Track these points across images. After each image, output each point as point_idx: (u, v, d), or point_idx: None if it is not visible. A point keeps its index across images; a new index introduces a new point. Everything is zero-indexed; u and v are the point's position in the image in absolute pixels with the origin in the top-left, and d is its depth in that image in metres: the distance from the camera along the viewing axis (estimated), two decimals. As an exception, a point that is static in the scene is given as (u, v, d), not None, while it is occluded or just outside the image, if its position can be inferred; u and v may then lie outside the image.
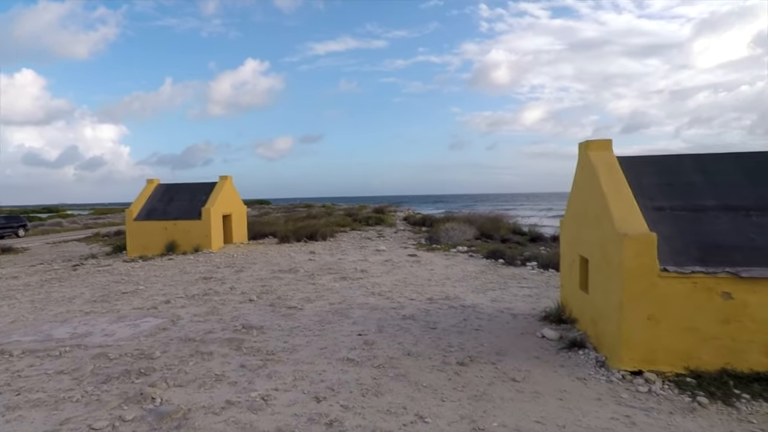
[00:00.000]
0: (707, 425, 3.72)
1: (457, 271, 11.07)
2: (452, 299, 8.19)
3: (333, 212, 30.97)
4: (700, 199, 5.12)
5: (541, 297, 8.19)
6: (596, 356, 5.09)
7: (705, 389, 4.23)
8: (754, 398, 4.06)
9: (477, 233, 16.51)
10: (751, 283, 4.33)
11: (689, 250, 4.67)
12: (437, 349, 5.58)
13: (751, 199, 4.96)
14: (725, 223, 4.82)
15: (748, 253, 4.51)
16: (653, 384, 4.40)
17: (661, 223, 4.94)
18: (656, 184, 5.40)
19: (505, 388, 4.47)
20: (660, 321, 4.53)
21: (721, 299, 4.41)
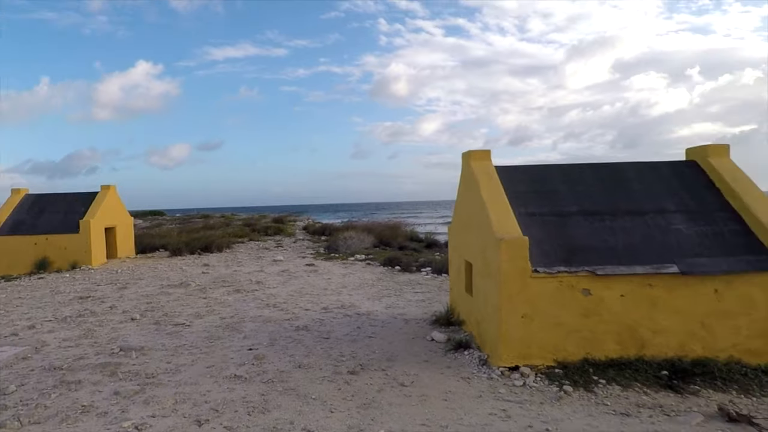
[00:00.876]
0: (570, 411, 4.07)
1: (354, 279, 11.14)
2: (348, 308, 8.23)
3: (231, 222, 29.79)
4: (564, 206, 5.63)
5: (434, 301, 8.50)
6: (480, 355, 5.37)
7: (570, 378, 4.64)
8: (608, 383, 4.53)
9: (375, 241, 16.79)
10: (605, 279, 4.84)
11: (556, 252, 5.11)
12: (329, 360, 5.56)
13: (605, 205, 5.55)
14: (585, 227, 5.34)
15: (602, 253, 5.04)
16: (528, 378, 4.73)
17: (533, 227, 5.35)
18: (528, 192, 5.85)
19: (394, 393, 4.56)
20: (533, 318, 4.90)
21: (582, 295, 4.87)
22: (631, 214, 5.42)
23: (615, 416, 3.96)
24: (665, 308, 4.81)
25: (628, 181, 5.81)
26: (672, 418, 3.90)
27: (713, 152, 5.73)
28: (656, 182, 5.74)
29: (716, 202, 5.38)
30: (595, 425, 3.80)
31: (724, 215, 5.22)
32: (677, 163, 6.01)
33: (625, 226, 5.32)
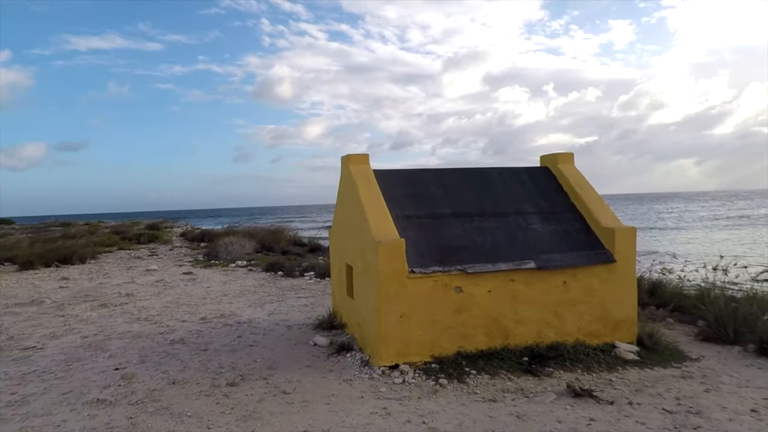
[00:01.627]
0: (445, 402, 4.33)
1: (235, 286, 10.74)
2: (228, 316, 7.91)
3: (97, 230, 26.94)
4: (438, 208, 5.97)
5: (317, 306, 8.50)
6: (362, 357, 5.48)
7: (445, 371, 4.93)
8: (479, 373, 4.90)
9: (258, 246, 16.33)
10: (474, 277, 5.22)
11: (431, 252, 5.40)
12: (207, 373, 5.30)
13: (474, 207, 5.99)
14: (456, 228, 5.71)
15: (472, 252, 5.43)
16: (407, 375, 4.93)
17: (410, 230, 5.60)
18: (405, 195, 6.10)
19: (276, 402, 4.48)
20: (411, 317, 5.12)
21: (454, 293, 5.20)
22: (496, 216, 5.90)
23: (484, 403, 4.29)
24: (525, 300, 5.32)
25: (493, 185, 6.32)
26: (531, 399, 4.33)
27: (561, 160, 6.47)
28: (517, 186, 6.33)
29: (564, 204, 6.08)
30: (467, 413, 4.09)
31: (571, 216, 5.92)
32: (533, 168, 6.67)
33: (491, 227, 5.78)
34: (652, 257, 10.33)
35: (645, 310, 6.90)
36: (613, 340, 5.41)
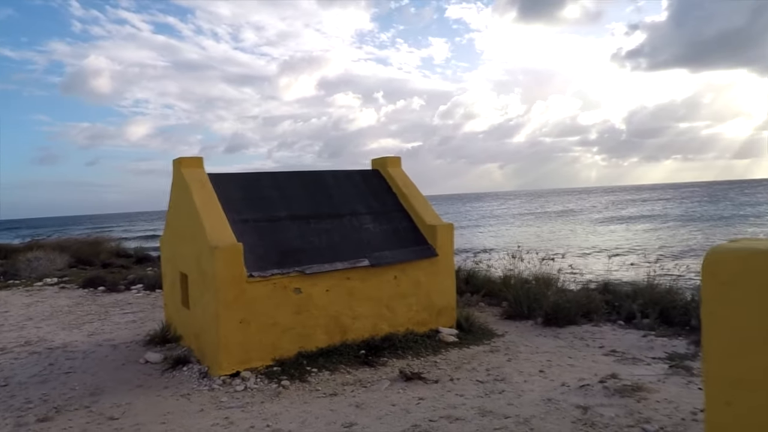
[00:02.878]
0: (288, 403, 4.43)
1: (43, 308, 9.32)
2: (35, 343, 6.87)
3: None
4: (275, 211, 6.01)
5: (147, 320, 7.85)
6: (200, 368, 5.27)
7: (287, 373, 5.02)
8: (320, 370, 5.10)
9: (72, 261, 14.34)
10: (313, 277, 5.40)
11: (269, 255, 5.43)
12: (9, 411, 4.58)
13: (310, 209, 6.17)
14: (294, 230, 5.83)
15: (310, 253, 5.61)
16: (248, 381, 4.90)
17: (247, 233, 5.54)
18: (241, 199, 6.01)
19: (101, 431, 4.09)
20: (251, 322, 5.09)
21: (294, 294, 5.32)
22: (331, 217, 6.17)
23: (325, 398, 4.49)
24: (361, 297, 5.68)
25: (328, 187, 6.58)
26: (369, 388, 4.66)
27: (390, 163, 7.02)
28: (350, 188, 6.68)
29: (394, 204, 6.62)
30: (309, 410, 4.24)
31: (400, 215, 6.48)
32: (365, 171, 7.11)
33: (327, 228, 6.02)
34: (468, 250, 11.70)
35: (462, 297, 7.83)
36: (437, 326, 6.08)
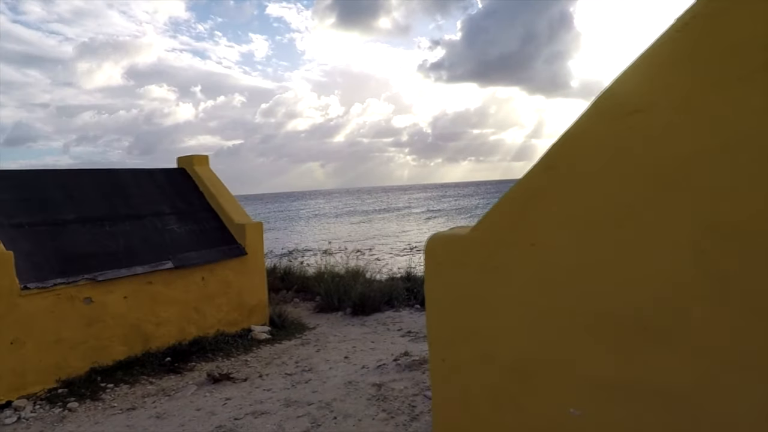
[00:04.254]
0: (75, 427, 3.99)
1: None
2: None
3: None
4: (60, 214, 5.31)
5: None
6: (-45, 402, 4.41)
7: (76, 393, 4.51)
8: (117, 385, 4.69)
9: None
10: (107, 284, 4.93)
11: (51, 263, 4.79)
12: None
13: (105, 211, 5.60)
14: (84, 234, 5.24)
15: (103, 258, 5.10)
16: (23, 410, 4.27)
17: (21, 240, 4.80)
18: (15, 200, 5.17)
19: None
20: (26, 342, 4.44)
21: (84, 305, 4.79)
22: (130, 219, 5.69)
23: (122, 414, 4.17)
24: (165, 301, 5.37)
25: (126, 186, 6.04)
26: (173, 396, 4.46)
27: (197, 161, 6.74)
28: (152, 187, 6.23)
29: (200, 204, 6.38)
30: (101, 430, 3.90)
31: (207, 215, 6.27)
32: (170, 170, 6.71)
33: (125, 230, 5.54)
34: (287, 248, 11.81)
35: (278, 294, 7.93)
36: (250, 325, 6.07)
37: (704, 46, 1.09)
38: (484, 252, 1.40)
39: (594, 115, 1.22)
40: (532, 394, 1.36)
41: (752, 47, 1.03)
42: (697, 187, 1.11)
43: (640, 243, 1.18)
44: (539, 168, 1.31)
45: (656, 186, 1.15)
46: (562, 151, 1.27)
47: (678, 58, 1.12)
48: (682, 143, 1.12)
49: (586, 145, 1.24)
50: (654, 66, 1.15)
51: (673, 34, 1.12)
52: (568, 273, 1.27)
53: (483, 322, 1.42)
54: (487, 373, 1.43)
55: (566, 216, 1.27)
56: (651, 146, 1.15)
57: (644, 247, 1.17)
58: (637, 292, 1.19)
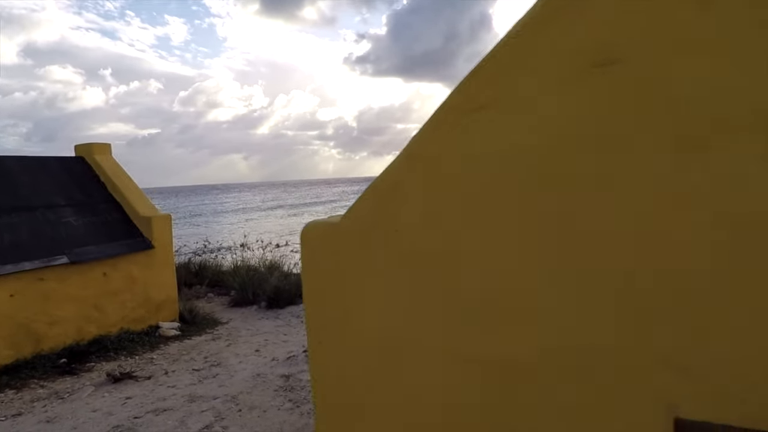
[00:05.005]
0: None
1: None
2: None
3: None
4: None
5: None
6: None
7: (-49, 401, 4.12)
8: (1, 390, 4.34)
9: None
10: (-10, 282, 4.54)
11: None
12: None
13: None
14: (-39, 228, 4.77)
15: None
16: None
17: None
18: None
19: None
20: None
21: (-39, 305, 4.37)
22: (18, 210, 5.24)
23: (5, 421, 3.86)
24: (60, 299, 5.02)
25: (13, 175, 5.56)
26: (66, 399, 4.19)
27: (97, 150, 6.32)
28: (46, 177, 5.78)
29: (101, 195, 6.00)
30: (-20, 440, 3.60)
31: (108, 207, 5.92)
32: (66, 158, 6.24)
33: (12, 223, 5.10)
34: (204, 242, 11.40)
35: (192, 289, 7.66)
36: (158, 321, 5.82)
37: (537, 51, 1.21)
38: (353, 239, 1.46)
39: (447, 108, 1.32)
40: (401, 371, 1.45)
41: (578, 53, 1.17)
42: (527, 179, 1.24)
43: (489, 232, 1.29)
44: (401, 158, 1.39)
45: (507, 178, 1.27)
46: (422, 142, 1.36)
47: (515, 62, 1.24)
48: (518, 139, 1.24)
49: (441, 137, 1.33)
50: (496, 67, 1.26)
51: (508, 39, 1.24)
52: (429, 256, 1.36)
53: (355, 306, 1.49)
54: (361, 354, 1.50)
55: (425, 202, 1.36)
56: (496, 140, 1.27)
57: (492, 236, 1.29)
58: (491, 276, 1.31)
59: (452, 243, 1.34)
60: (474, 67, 1.29)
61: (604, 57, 1.16)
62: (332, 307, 1.53)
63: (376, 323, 1.47)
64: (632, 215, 1.18)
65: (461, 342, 1.36)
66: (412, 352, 1.43)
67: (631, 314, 1.20)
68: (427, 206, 1.36)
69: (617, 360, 1.23)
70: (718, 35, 1.09)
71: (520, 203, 1.25)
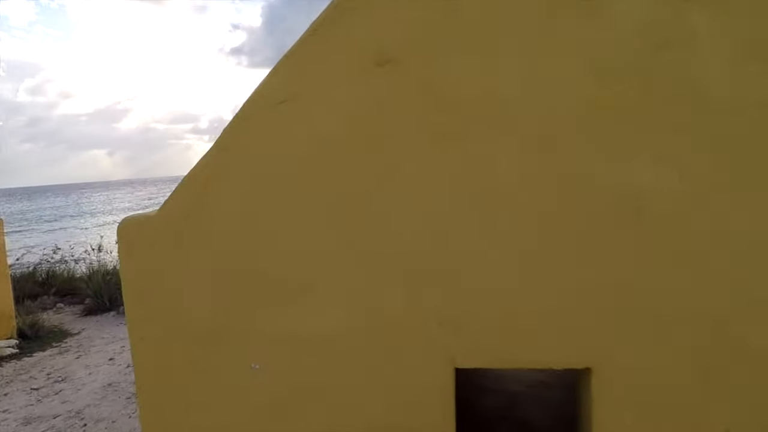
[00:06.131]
0: None
1: None
2: None
3: None
4: None
5: None
6: None
7: None
8: None
9: None
10: None
11: None
12: None
13: None
14: None
15: None
16: None
17: None
18: None
19: None
20: None
21: None
22: None
23: None
24: None
25: None
26: None
27: None
28: None
29: None
30: None
31: None
32: None
33: None
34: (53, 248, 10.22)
35: (37, 301, 6.86)
36: (-10, 339, 5.13)
37: (327, 49, 1.32)
38: (169, 232, 1.46)
39: (255, 101, 1.37)
40: (221, 356, 1.48)
41: (364, 52, 1.29)
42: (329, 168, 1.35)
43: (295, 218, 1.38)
44: (215, 149, 1.42)
45: (309, 166, 1.36)
46: (234, 134, 1.40)
47: (314, 57, 1.33)
48: (322, 129, 1.34)
49: (252, 128, 1.38)
50: (297, 63, 1.34)
51: (307, 37, 1.33)
52: (243, 243, 1.41)
53: (173, 298, 1.48)
54: (181, 344, 1.50)
55: (240, 194, 1.40)
56: (299, 131, 1.35)
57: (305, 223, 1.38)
58: (295, 255, 1.40)
59: (262, 229, 1.40)
60: (278, 61, 1.36)
61: (384, 57, 1.30)
62: (152, 301, 1.51)
63: (196, 313, 1.47)
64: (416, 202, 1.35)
65: (275, 323, 1.43)
66: (233, 337, 1.47)
67: (414, 286, 1.37)
68: (238, 196, 1.40)
69: (405, 324, 1.39)
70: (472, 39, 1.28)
71: (323, 191, 1.35)
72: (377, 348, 1.42)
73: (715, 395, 1.33)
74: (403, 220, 1.34)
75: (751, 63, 1.19)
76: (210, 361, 1.50)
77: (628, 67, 1.24)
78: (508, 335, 1.37)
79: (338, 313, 1.41)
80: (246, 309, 1.44)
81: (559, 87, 1.26)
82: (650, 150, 1.25)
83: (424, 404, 1.42)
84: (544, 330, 1.36)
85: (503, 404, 2.47)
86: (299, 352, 1.44)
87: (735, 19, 1.20)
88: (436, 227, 1.33)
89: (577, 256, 1.31)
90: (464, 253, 1.34)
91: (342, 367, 1.44)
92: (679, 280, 1.29)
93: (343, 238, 1.37)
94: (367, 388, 1.45)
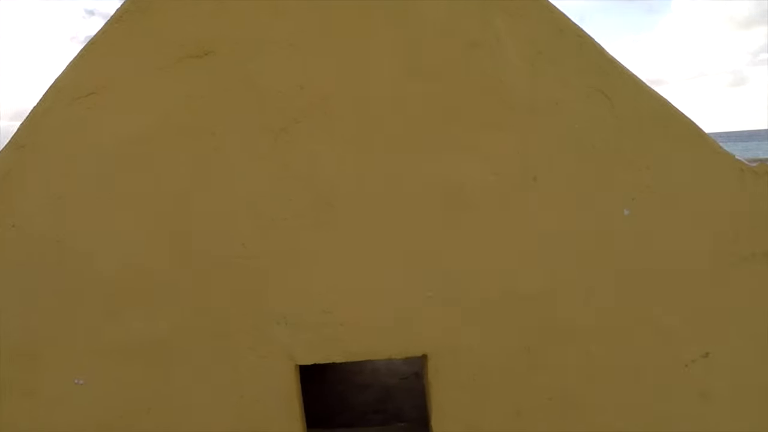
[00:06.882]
0: None
1: None
2: None
3: None
4: None
5: None
6: None
7: None
8: None
9: None
10: None
11: None
12: None
13: None
14: None
15: None
16: None
17: None
18: None
19: None
20: None
21: None
22: None
23: None
24: None
25: None
26: None
27: None
28: None
29: None
30: None
31: None
32: None
33: None
34: None
35: None
36: None
37: (136, 39, 1.23)
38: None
39: (55, 95, 1.25)
40: (41, 374, 1.34)
41: (171, 43, 1.23)
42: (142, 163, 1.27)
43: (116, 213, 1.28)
44: (11, 147, 1.27)
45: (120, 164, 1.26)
46: (30, 130, 1.27)
47: (118, 48, 1.24)
48: (132, 125, 1.25)
49: (53, 123, 1.26)
50: (101, 53, 1.24)
51: (111, 25, 1.23)
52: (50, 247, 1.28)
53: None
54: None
55: (42, 192, 1.27)
56: (108, 124, 1.25)
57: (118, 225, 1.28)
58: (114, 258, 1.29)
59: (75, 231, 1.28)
60: (79, 51, 1.25)
61: (202, 48, 1.24)
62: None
63: (7, 330, 1.31)
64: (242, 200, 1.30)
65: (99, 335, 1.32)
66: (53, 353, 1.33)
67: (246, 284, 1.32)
68: (46, 195, 1.27)
69: (236, 323, 1.34)
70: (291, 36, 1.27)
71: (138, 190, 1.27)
72: (206, 349, 1.35)
73: (538, 370, 1.41)
74: (227, 218, 1.29)
75: (543, 63, 1.29)
76: (26, 380, 1.34)
77: (438, 66, 1.28)
78: (346, 329, 1.37)
79: (164, 316, 1.32)
80: (64, 322, 1.31)
81: (373, 85, 1.28)
82: (464, 145, 1.31)
83: (265, 405, 1.38)
84: (380, 321, 1.37)
85: (378, 397, 2.50)
86: (126, 362, 1.33)
87: (530, 23, 1.29)
88: (264, 225, 1.30)
89: (406, 249, 1.34)
90: (295, 251, 1.32)
91: (171, 374, 1.36)
92: (501, 268, 1.36)
93: (164, 238, 1.29)
94: (199, 393, 1.37)
